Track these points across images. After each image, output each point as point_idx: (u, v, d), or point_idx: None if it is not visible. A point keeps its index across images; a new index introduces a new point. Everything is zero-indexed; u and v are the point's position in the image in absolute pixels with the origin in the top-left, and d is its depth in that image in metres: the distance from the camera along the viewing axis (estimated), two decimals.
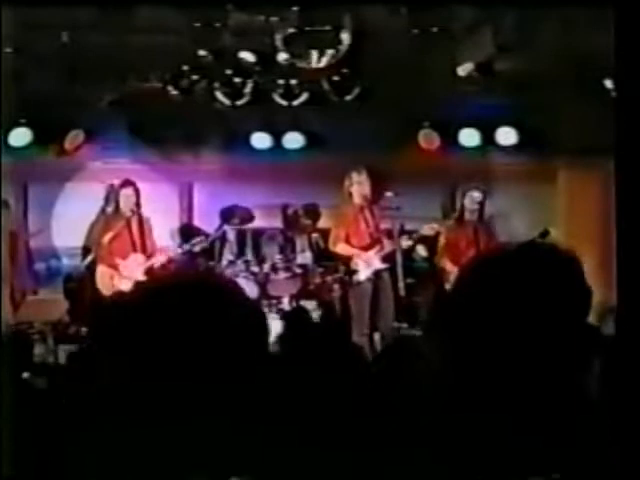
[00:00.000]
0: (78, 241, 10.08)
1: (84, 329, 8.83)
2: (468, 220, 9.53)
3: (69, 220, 10.12)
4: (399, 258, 9.19)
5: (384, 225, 9.50)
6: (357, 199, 9.38)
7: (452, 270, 9.03)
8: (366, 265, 9.18)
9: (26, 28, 8.10)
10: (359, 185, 9.33)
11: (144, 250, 9.35)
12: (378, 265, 9.21)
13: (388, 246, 9.25)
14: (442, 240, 9.50)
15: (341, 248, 9.36)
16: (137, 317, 1.84)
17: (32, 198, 10.82)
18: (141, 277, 9.14)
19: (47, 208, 10.44)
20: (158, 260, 9.37)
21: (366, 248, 9.28)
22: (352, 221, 9.39)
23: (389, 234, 9.37)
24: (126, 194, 9.30)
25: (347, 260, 9.30)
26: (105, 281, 9.23)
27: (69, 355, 5.49)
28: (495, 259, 1.84)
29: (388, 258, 9.26)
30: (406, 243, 9.33)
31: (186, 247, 9.67)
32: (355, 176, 9.33)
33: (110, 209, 9.40)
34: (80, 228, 9.88)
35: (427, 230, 9.47)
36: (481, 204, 9.56)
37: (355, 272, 9.19)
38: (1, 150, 9.41)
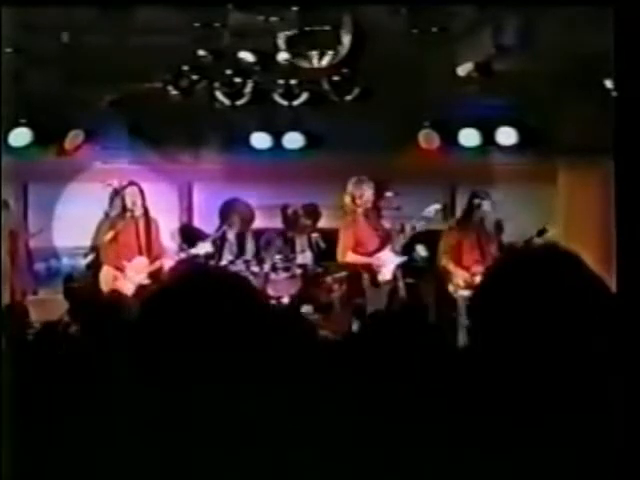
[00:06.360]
0: (78, 241, 10.07)
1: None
2: (474, 222, 9.45)
3: (69, 220, 10.11)
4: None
5: (387, 223, 9.53)
6: (361, 208, 9.35)
7: (455, 271, 9.06)
8: (386, 264, 9.18)
9: (26, 28, 8.10)
10: (369, 197, 9.30)
11: (149, 252, 9.29)
12: (396, 260, 9.22)
13: (398, 240, 9.27)
14: (448, 240, 9.45)
15: (350, 257, 9.31)
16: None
17: (32, 198, 10.82)
18: (145, 280, 9.11)
19: (47, 208, 10.43)
20: (162, 263, 9.33)
21: (378, 250, 9.27)
22: (358, 229, 9.35)
23: (398, 229, 9.40)
24: (131, 195, 9.25)
25: (364, 267, 9.24)
26: (108, 282, 9.18)
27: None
28: (515, 262, 1.84)
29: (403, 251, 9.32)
30: (419, 225, 9.31)
31: (192, 252, 9.61)
32: (366, 188, 9.29)
33: (115, 211, 9.35)
34: (80, 228, 9.85)
35: (430, 212, 9.42)
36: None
37: (378, 273, 9.17)
38: (1, 150, 9.41)
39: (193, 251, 9.60)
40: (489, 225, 9.51)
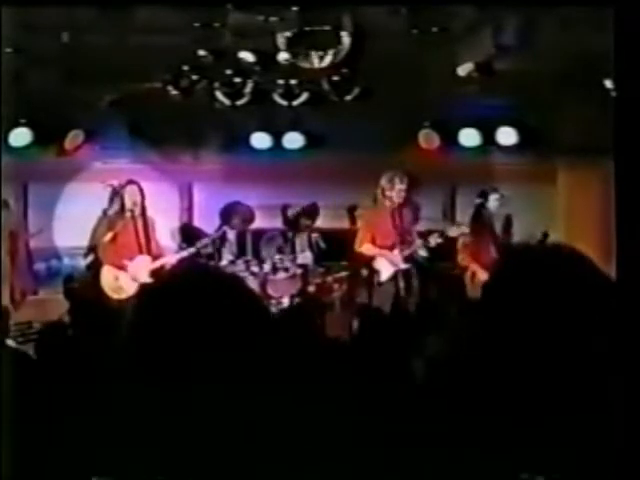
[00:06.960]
0: (78, 241, 10.07)
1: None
2: (485, 221, 9.43)
3: (69, 220, 10.12)
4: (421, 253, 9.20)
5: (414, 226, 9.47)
6: (389, 202, 9.26)
7: (477, 270, 9.04)
8: (389, 265, 9.12)
9: (26, 28, 8.10)
10: (399, 192, 9.22)
11: (149, 251, 9.23)
12: (402, 265, 9.14)
13: (414, 246, 9.20)
14: (466, 240, 9.42)
15: (366, 248, 9.26)
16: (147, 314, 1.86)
17: (32, 198, 10.82)
18: (147, 278, 9.05)
19: (47, 208, 10.44)
20: (164, 261, 9.27)
21: (391, 248, 9.20)
22: (380, 222, 9.29)
23: (419, 235, 9.33)
24: (131, 194, 9.19)
25: (369, 260, 9.20)
26: (109, 281, 9.13)
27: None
28: (521, 259, 1.85)
29: (411, 258, 9.24)
30: (435, 241, 9.25)
31: (192, 250, 9.56)
32: (397, 182, 9.21)
33: (114, 210, 9.32)
34: (80, 228, 9.85)
35: (454, 232, 9.38)
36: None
37: (377, 272, 9.13)
38: (1, 150, 9.41)
39: (192, 249, 9.58)
40: (498, 222, 9.53)
